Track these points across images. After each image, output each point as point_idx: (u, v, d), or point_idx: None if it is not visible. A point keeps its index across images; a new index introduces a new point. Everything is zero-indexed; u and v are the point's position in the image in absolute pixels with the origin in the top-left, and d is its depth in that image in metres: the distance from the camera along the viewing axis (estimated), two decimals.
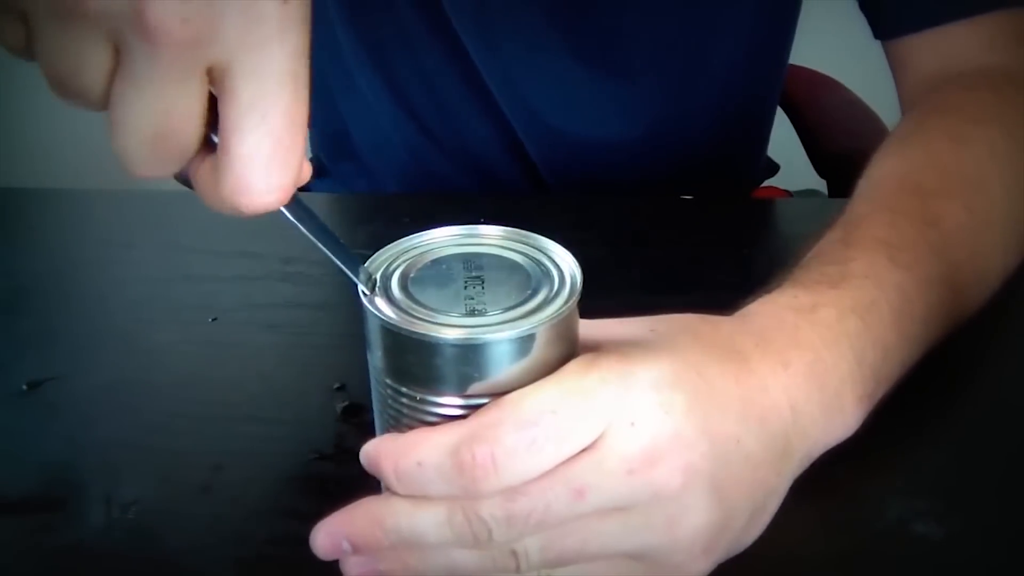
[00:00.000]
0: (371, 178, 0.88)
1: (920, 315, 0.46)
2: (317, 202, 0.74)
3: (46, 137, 1.86)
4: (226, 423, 0.48)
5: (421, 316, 0.35)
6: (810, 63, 1.08)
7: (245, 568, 0.41)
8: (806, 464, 0.41)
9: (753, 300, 0.44)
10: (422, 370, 0.35)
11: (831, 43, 1.21)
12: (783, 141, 0.98)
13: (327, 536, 0.36)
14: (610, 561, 0.37)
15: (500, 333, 0.34)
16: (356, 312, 0.36)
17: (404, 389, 0.35)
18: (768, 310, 0.43)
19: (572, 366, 0.35)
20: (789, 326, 0.42)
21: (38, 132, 1.87)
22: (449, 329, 0.34)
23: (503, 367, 0.34)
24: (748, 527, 0.39)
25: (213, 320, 0.56)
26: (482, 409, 0.35)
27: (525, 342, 0.34)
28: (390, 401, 0.36)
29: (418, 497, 0.35)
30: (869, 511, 0.42)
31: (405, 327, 0.34)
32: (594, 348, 0.37)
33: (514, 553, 0.35)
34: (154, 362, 0.53)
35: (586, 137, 0.79)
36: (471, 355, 0.34)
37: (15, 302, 0.59)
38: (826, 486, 0.44)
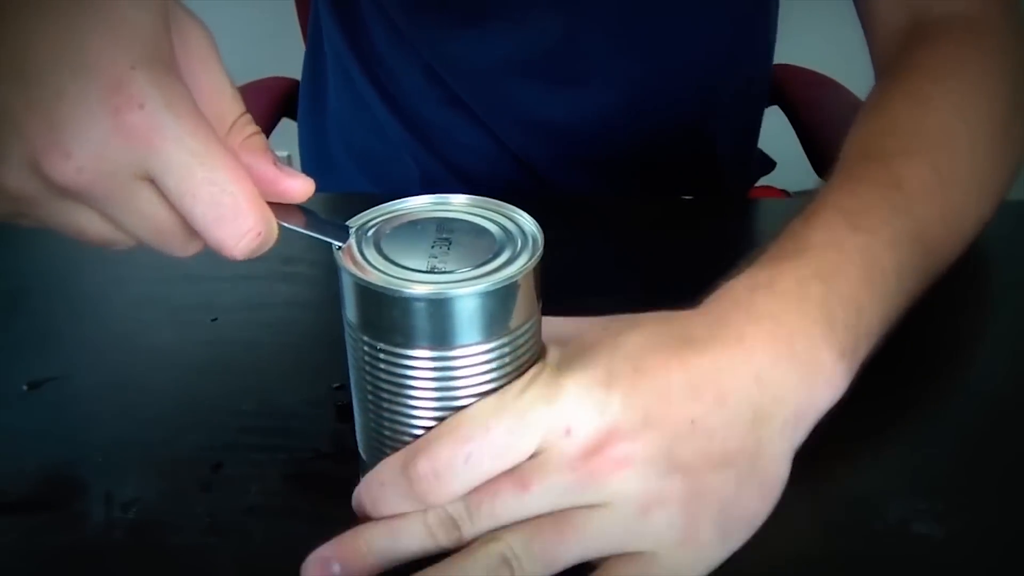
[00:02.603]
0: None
1: (892, 273, 0.47)
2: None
3: None
4: (226, 423, 0.48)
5: (385, 271, 0.37)
6: (810, 63, 1.08)
7: (245, 568, 0.41)
8: (801, 426, 0.42)
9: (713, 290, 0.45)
10: (386, 322, 0.37)
11: (831, 43, 1.21)
12: (782, 141, 0.98)
13: (317, 562, 0.38)
14: (625, 564, 0.38)
15: (457, 289, 0.36)
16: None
17: (371, 340, 0.38)
18: (724, 293, 0.44)
19: (515, 386, 0.38)
20: (744, 303, 0.43)
21: None
22: (411, 284, 0.36)
23: (459, 322, 0.37)
24: (745, 496, 0.40)
25: (213, 320, 0.56)
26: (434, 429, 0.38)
27: (479, 299, 0.36)
28: (360, 354, 0.39)
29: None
30: (869, 511, 0.42)
31: (368, 280, 0.36)
32: (554, 343, 0.41)
33: (504, 558, 0.37)
34: (154, 362, 0.53)
35: (561, 122, 0.79)
36: (428, 309, 0.36)
37: (15, 302, 0.59)
38: (826, 486, 0.44)
